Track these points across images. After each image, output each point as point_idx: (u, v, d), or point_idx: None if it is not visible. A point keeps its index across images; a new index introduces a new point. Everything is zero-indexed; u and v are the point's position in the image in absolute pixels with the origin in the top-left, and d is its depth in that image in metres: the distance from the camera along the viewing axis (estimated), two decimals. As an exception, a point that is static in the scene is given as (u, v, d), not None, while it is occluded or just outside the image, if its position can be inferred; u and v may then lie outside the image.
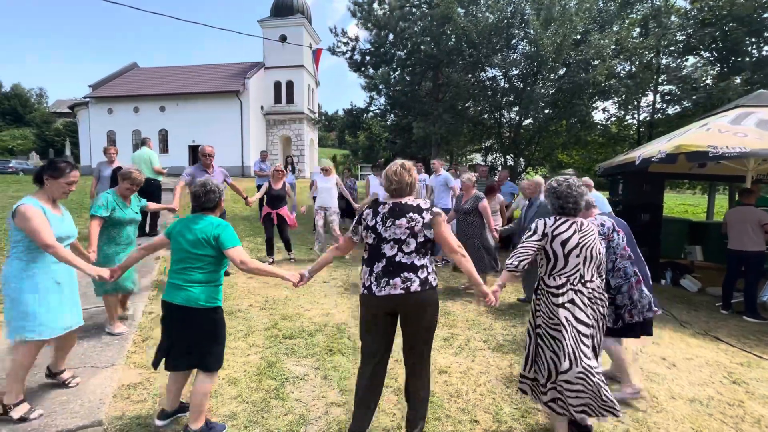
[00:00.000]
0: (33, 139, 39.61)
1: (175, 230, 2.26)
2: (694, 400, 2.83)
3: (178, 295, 2.15)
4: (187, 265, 2.18)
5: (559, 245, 2.17)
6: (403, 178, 2.18)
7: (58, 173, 2.35)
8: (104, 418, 2.36)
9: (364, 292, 2.17)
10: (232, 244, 2.19)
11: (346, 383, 2.84)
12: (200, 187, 2.29)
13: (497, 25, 10.05)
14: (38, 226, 2.19)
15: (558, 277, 2.19)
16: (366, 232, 2.20)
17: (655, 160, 5.04)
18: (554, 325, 2.17)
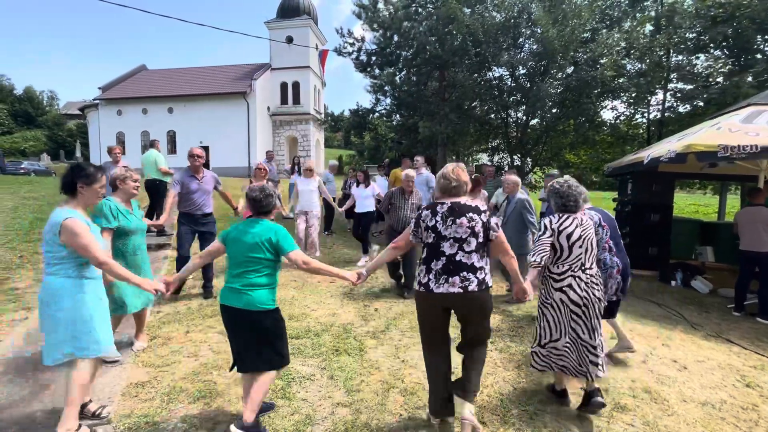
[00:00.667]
0: (44, 141, 40.22)
1: (230, 235, 2.28)
2: (707, 403, 2.78)
3: (239, 299, 2.18)
4: (246, 269, 2.21)
5: (564, 238, 2.51)
6: (461, 177, 2.27)
7: (91, 180, 2.20)
8: (113, 416, 2.38)
9: (421, 289, 2.24)
10: (291, 248, 2.25)
11: (352, 383, 2.84)
12: (259, 192, 2.30)
13: (504, 23, 9.99)
14: (90, 241, 2.09)
15: (561, 265, 2.53)
16: (426, 232, 2.26)
17: (664, 160, 4.97)
18: (547, 304, 2.57)
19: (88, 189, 2.20)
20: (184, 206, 4.42)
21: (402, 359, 3.24)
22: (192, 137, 23.69)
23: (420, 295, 2.28)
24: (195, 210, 4.43)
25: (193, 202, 4.40)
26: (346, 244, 7.74)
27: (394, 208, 4.96)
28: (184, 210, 4.43)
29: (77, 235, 2.04)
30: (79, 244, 2.06)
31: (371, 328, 3.84)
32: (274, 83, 25.40)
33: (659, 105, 11.03)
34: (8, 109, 44.77)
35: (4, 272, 4.70)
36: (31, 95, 48.99)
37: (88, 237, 2.08)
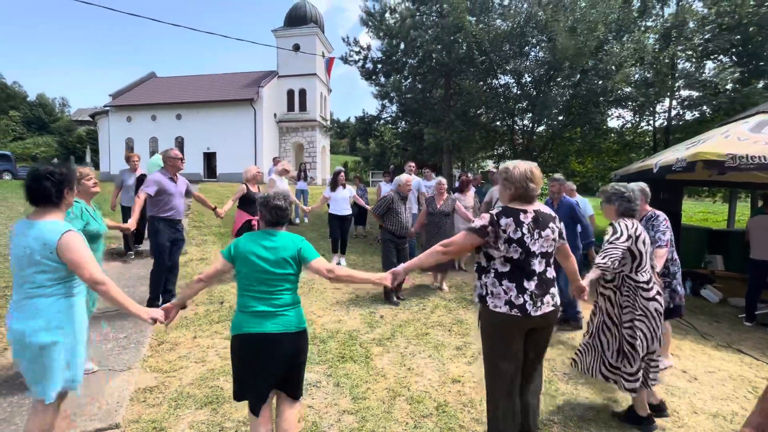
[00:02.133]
0: (55, 147, 40.92)
1: (241, 251, 1.97)
2: (717, 415, 2.74)
3: (269, 324, 1.91)
4: (272, 288, 1.96)
5: (642, 244, 2.42)
6: (541, 179, 2.05)
7: (74, 183, 1.95)
8: (121, 421, 2.40)
9: (515, 312, 1.94)
10: (315, 256, 2.03)
11: (358, 391, 2.83)
12: (283, 200, 2.06)
13: (510, 32, 10.04)
14: (87, 258, 1.81)
15: (644, 273, 2.43)
16: (508, 245, 1.96)
17: (676, 169, 4.92)
18: (641, 316, 2.40)
19: (71, 193, 1.92)
20: (164, 211, 4.08)
21: (408, 367, 3.23)
22: (200, 143, 23.96)
23: (510, 319, 1.95)
24: (175, 215, 4.16)
25: (174, 206, 4.13)
26: (351, 249, 7.75)
27: (393, 213, 4.93)
28: (165, 215, 4.08)
29: (74, 249, 1.78)
30: (75, 260, 1.77)
31: (377, 336, 3.83)
32: (281, 90, 25.66)
33: (665, 112, 10.98)
34: (21, 116, 45.71)
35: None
36: (43, 102, 50.02)
37: (85, 251, 1.82)
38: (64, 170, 1.88)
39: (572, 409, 2.75)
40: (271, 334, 1.91)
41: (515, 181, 2.02)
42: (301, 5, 25.97)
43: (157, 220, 4.08)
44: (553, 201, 4.50)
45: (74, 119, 47.48)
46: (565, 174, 13.73)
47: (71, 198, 1.95)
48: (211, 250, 6.78)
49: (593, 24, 8.76)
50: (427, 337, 3.85)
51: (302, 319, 2.04)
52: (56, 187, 1.83)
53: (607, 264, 2.33)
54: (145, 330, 3.67)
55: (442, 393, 2.87)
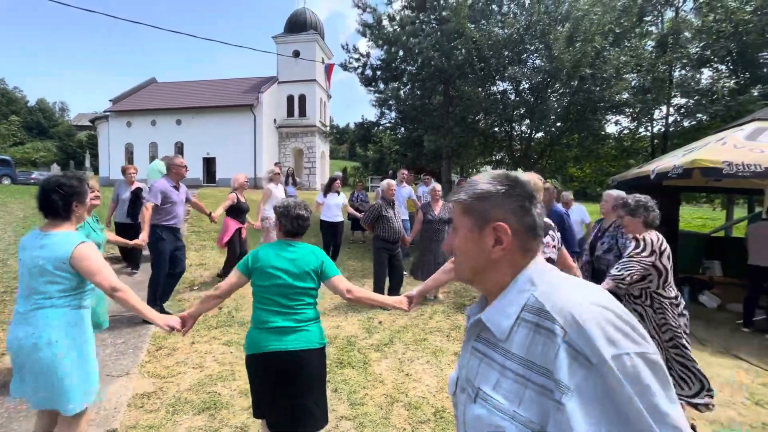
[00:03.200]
0: (55, 152, 41.02)
1: (260, 264, 1.88)
2: (715, 421, 2.74)
3: (291, 340, 1.82)
4: (294, 303, 1.87)
5: (667, 259, 2.30)
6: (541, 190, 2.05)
7: (84, 196, 1.92)
8: (119, 426, 2.40)
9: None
10: (336, 272, 1.96)
11: (356, 396, 2.84)
12: (305, 209, 1.97)
13: (509, 38, 10.15)
14: (102, 266, 1.81)
15: (672, 288, 2.33)
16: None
17: (672, 176, 4.97)
18: (680, 335, 2.30)
19: (82, 206, 1.91)
20: (168, 219, 4.08)
21: (406, 373, 3.24)
22: (199, 149, 24.03)
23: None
24: (177, 223, 4.19)
25: (177, 215, 4.15)
26: (350, 255, 7.77)
27: (384, 220, 4.90)
28: (168, 224, 4.10)
29: (89, 258, 1.78)
30: (90, 269, 1.77)
31: (375, 341, 3.84)
32: (281, 96, 25.81)
33: (663, 119, 11.08)
34: (21, 121, 45.84)
35: (15, 281, 4.77)
36: (43, 107, 50.21)
37: (99, 260, 1.82)
38: (74, 183, 1.85)
39: None
40: (294, 352, 1.82)
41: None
42: (301, 12, 26.20)
43: (159, 228, 4.07)
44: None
45: (74, 124, 47.61)
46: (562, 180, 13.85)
47: (82, 211, 1.93)
48: (210, 255, 6.78)
49: (590, 34, 8.86)
50: (425, 342, 3.85)
51: (322, 335, 1.96)
52: (64, 200, 1.81)
53: (623, 276, 2.22)
54: (143, 335, 3.67)
55: (440, 399, 2.87)
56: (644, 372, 0.59)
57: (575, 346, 0.62)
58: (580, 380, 0.60)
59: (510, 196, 0.78)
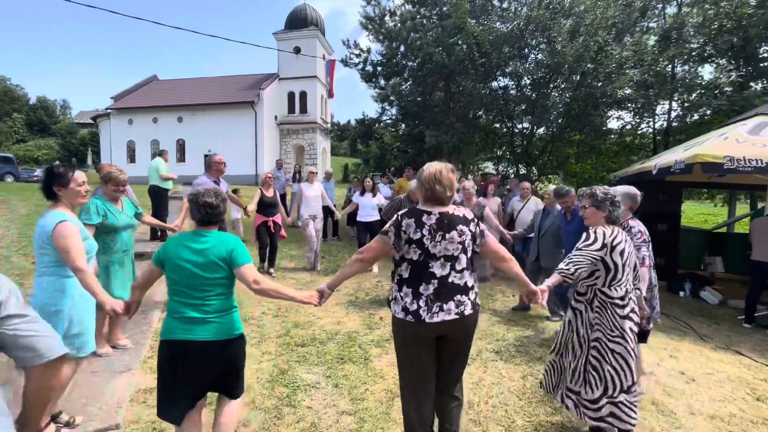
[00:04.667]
0: (57, 149, 41.08)
1: (169, 255, 1.86)
2: (715, 416, 2.74)
3: (201, 330, 1.82)
4: (203, 293, 1.85)
5: (618, 255, 2.20)
6: (452, 181, 1.93)
7: (64, 181, 2.18)
8: (122, 421, 2.42)
9: (409, 318, 1.88)
10: (245, 261, 1.89)
11: (356, 392, 2.85)
12: (215, 197, 1.94)
13: (510, 34, 10.10)
14: (72, 245, 2.07)
15: (619, 288, 2.21)
16: (408, 246, 1.90)
17: (675, 171, 4.94)
18: (615, 337, 2.17)
19: (65, 190, 2.20)
20: None
21: (407, 368, 3.25)
22: (201, 146, 24.04)
23: (407, 325, 1.89)
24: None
25: None
26: (351, 251, 7.77)
27: None
28: None
29: (64, 237, 2.07)
30: (62, 246, 2.06)
31: (376, 337, 3.85)
32: (282, 93, 25.76)
33: (665, 114, 11.01)
34: (23, 118, 45.91)
35: (18, 278, 4.80)
36: (45, 104, 50.23)
37: (72, 241, 2.08)
38: (55, 170, 2.20)
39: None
40: (200, 342, 1.81)
41: (424, 181, 1.96)
42: (302, 8, 26.09)
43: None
44: (566, 213, 4.36)
45: (76, 122, 47.65)
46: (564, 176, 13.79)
47: (67, 193, 2.21)
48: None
49: (593, 28, 8.79)
50: (426, 338, 3.86)
51: (236, 326, 1.93)
52: (45, 183, 2.19)
53: (569, 270, 2.13)
54: (145, 331, 3.70)
55: (440, 394, 2.87)
56: None
57: None
58: None
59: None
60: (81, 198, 2.27)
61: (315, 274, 6.05)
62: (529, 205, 6.17)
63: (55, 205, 2.20)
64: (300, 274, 5.99)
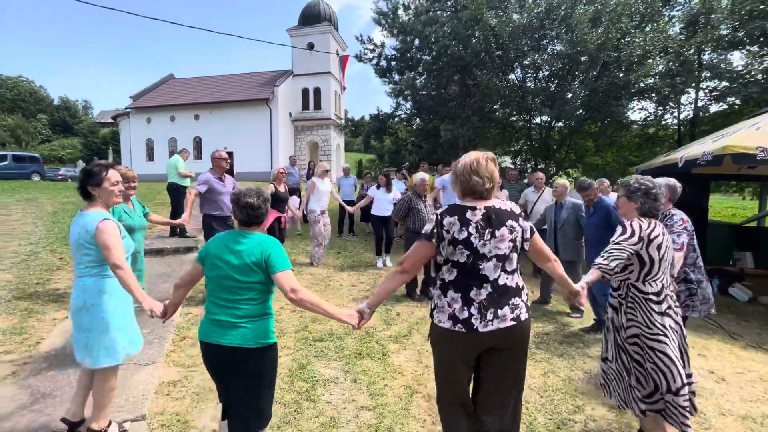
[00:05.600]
0: (80, 148, 42.34)
1: (209, 252, 1.85)
2: (747, 417, 2.64)
3: (227, 335, 1.77)
4: (235, 297, 1.79)
5: (655, 249, 2.10)
6: (492, 172, 1.75)
7: (97, 180, 2.16)
8: (147, 413, 2.48)
9: (459, 327, 1.68)
10: (283, 267, 1.78)
11: (375, 387, 2.85)
12: (256, 197, 1.86)
13: (528, 24, 9.86)
14: (114, 243, 2.07)
15: (654, 283, 2.11)
16: (453, 247, 1.70)
17: (701, 163, 4.76)
18: (654, 335, 2.06)
19: (99, 189, 2.17)
20: (215, 209, 4.50)
21: (425, 364, 3.23)
22: (217, 143, 24.35)
23: (455, 336, 1.69)
24: (224, 212, 4.53)
25: (223, 205, 4.52)
26: (366, 247, 7.78)
27: (414, 213, 4.99)
28: (216, 213, 4.51)
29: (105, 234, 2.06)
30: (103, 243, 2.05)
31: (393, 333, 3.84)
32: (296, 89, 25.89)
33: (691, 104, 10.60)
34: (47, 119, 47.49)
35: (47, 273, 4.97)
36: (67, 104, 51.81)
37: (113, 239, 2.08)
38: (90, 169, 2.18)
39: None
40: (229, 347, 1.76)
41: (460, 174, 1.78)
42: (315, 4, 26.08)
43: (208, 217, 4.50)
44: (588, 206, 4.25)
45: (97, 121, 48.98)
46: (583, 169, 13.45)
47: (102, 192, 2.18)
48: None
49: (616, 15, 8.50)
50: (443, 334, 3.83)
51: (264, 335, 1.81)
52: (80, 184, 2.17)
53: (609, 265, 2.04)
54: (167, 326, 3.77)
55: (459, 391, 2.85)
56: None
57: None
58: None
59: None
60: (115, 198, 2.24)
61: (330, 269, 6.08)
62: (544, 196, 6.06)
63: (91, 204, 2.19)
64: (316, 270, 6.02)
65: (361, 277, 5.75)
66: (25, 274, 4.83)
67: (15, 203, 9.29)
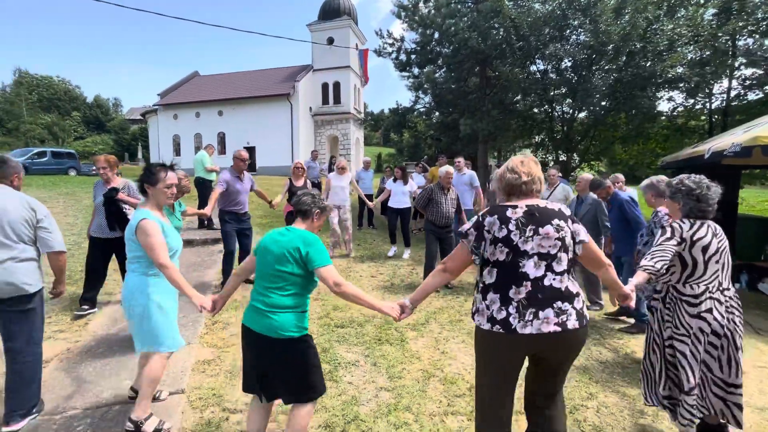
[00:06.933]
0: (111, 144, 44.17)
1: (260, 245, 1.99)
2: (764, 409, 2.64)
3: (259, 322, 1.87)
4: (269, 284, 1.89)
5: (700, 251, 2.07)
6: (534, 171, 1.76)
7: (154, 179, 2.26)
8: (186, 387, 2.71)
9: (497, 328, 1.63)
10: (323, 263, 1.86)
11: (394, 371, 3.00)
12: (307, 196, 2.05)
13: (550, 14, 9.68)
14: (156, 243, 2.14)
15: (696, 286, 2.09)
16: (493, 246, 1.68)
17: (728, 154, 4.65)
18: (680, 335, 2.10)
19: (153, 189, 2.26)
20: (230, 205, 4.74)
21: (442, 351, 3.36)
22: (240, 138, 25.03)
23: (494, 337, 1.65)
24: (240, 209, 4.81)
25: (239, 201, 4.77)
26: (386, 239, 7.92)
27: (433, 204, 5.05)
28: (230, 209, 4.76)
29: (147, 235, 2.14)
30: (147, 244, 2.14)
31: (412, 321, 3.97)
32: (316, 84, 26.18)
33: (723, 93, 10.18)
34: (81, 116, 49.68)
35: (88, 261, 5.33)
36: (100, 103, 54.00)
37: (156, 238, 2.14)
38: (147, 170, 2.30)
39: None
40: (256, 334, 1.87)
41: (499, 176, 1.82)
42: (335, -2, 26.18)
43: (224, 213, 4.78)
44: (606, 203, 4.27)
45: (127, 118, 50.92)
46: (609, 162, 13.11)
47: (155, 192, 2.27)
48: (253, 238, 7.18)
49: (642, 4, 8.24)
50: (460, 323, 3.94)
51: (289, 327, 1.85)
52: (140, 183, 2.30)
53: (655, 267, 2.01)
54: (200, 310, 4.03)
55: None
56: None
57: None
58: None
59: None
60: (167, 199, 2.35)
61: (350, 261, 6.26)
62: (555, 193, 5.98)
63: (145, 203, 2.30)
64: (336, 262, 6.21)
65: (381, 269, 5.90)
66: (70, 262, 5.21)
67: (56, 197, 9.89)
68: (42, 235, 2.40)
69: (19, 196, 2.39)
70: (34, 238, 2.40)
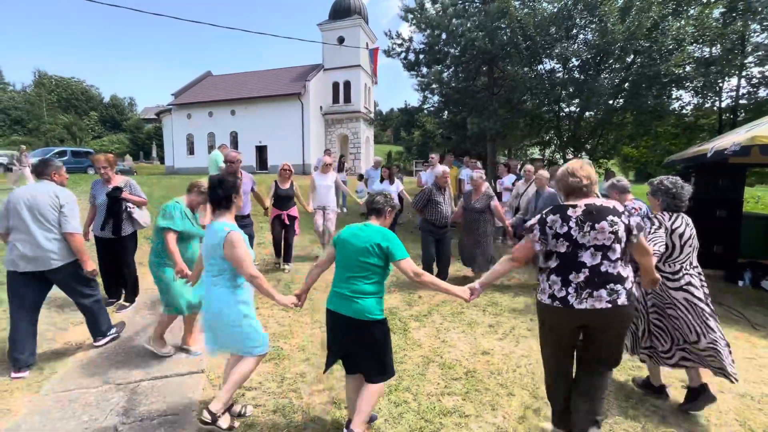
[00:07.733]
0: (127, 143, 45.24)
1: (341, 236, 2.24)
2: (745, 395, 2.79)
3: (346, 306, 2.13)
4: (355, 274, 2.15)
5: (678, 237, 2.53)
6: (591, 174, 2.05)
7: (237, 189, 2.33)
8: (206, 368, 2.98)
9: (556, 303, 2.00)
10: (401, 256, 2.14)
11: (396, 356, 3.20)
12: (382, 196, 2.32)
13: (557, 14, 9.74)
14: (246, 255, 2.19)
15: (674, 264, 2.55)
16: (556, 240, 2.01)
17: (728, 153, 4.74)
18: (668, 306, 2.56)
19: (238, 197, 2.35)
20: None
21: (442, 339, 3.56)
22: (252, 137, 25.47)
23: (554, 310, 2.01)
24: (241, 212, 4.57)
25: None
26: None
27: (432, 204, 5.12)
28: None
29: (235, 247, 2.16)
30: (236, 257, 2.16)
31: (415, 312, 4.19)
32: (327, 83, 26.44)
33: (732, 92, 10.10)
34: (98, 116, 50.97)
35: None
36: (116, 102, 55.24)
37: (244, 250, 2.19)
38: (227, 183, 2.28)
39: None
40: (341, 315, 2.14)
41: (559, 178, 2.14)
42: (345, -3, 26.36)
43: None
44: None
45: (142, 118, 52.04)
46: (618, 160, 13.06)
47: (240, 202, 2.38)
48: (268, 236, 7.44)
49: (647, 4, 8.27)
50: (461, 315, 4.14)
51: (374, 310, 2.12)
52: (226, 194, 2.28)
53: (660, 250, 2.46)
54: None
55: (472, 362, 3.17)
56: None
57: None
58: None
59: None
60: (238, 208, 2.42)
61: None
62: (530, 189, 6.10)
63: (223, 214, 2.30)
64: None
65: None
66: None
67: (78, 195, 10.33)
68: (60, 219, 2.85)
69: (50, 187, 2.86)
70: (59, 221, 2.81)
